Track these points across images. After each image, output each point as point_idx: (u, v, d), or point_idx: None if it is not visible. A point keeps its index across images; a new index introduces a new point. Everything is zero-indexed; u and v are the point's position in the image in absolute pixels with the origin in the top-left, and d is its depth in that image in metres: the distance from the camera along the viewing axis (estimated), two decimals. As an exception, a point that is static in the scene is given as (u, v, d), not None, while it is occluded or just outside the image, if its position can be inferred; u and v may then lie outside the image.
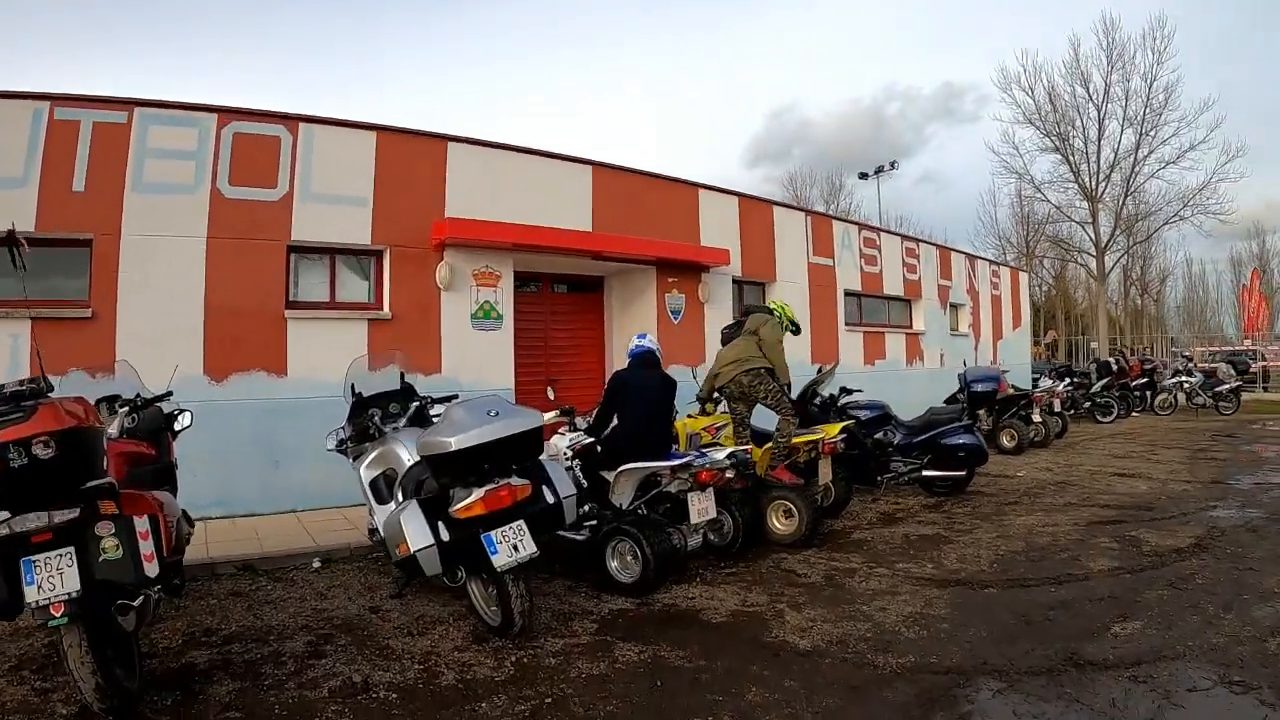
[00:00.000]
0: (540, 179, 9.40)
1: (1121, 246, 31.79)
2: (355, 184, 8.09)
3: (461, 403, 4.10)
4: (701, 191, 11.29)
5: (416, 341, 8.23)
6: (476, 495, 3.81)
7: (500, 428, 3.80)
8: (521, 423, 3.92)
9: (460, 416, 3.90)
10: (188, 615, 4.61)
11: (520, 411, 4.05)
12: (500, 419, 3.84)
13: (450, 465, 3.84)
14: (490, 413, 3.86)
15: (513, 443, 3.87)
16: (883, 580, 5.29)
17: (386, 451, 4.73)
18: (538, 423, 4.04)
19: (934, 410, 8.27)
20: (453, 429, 3.81)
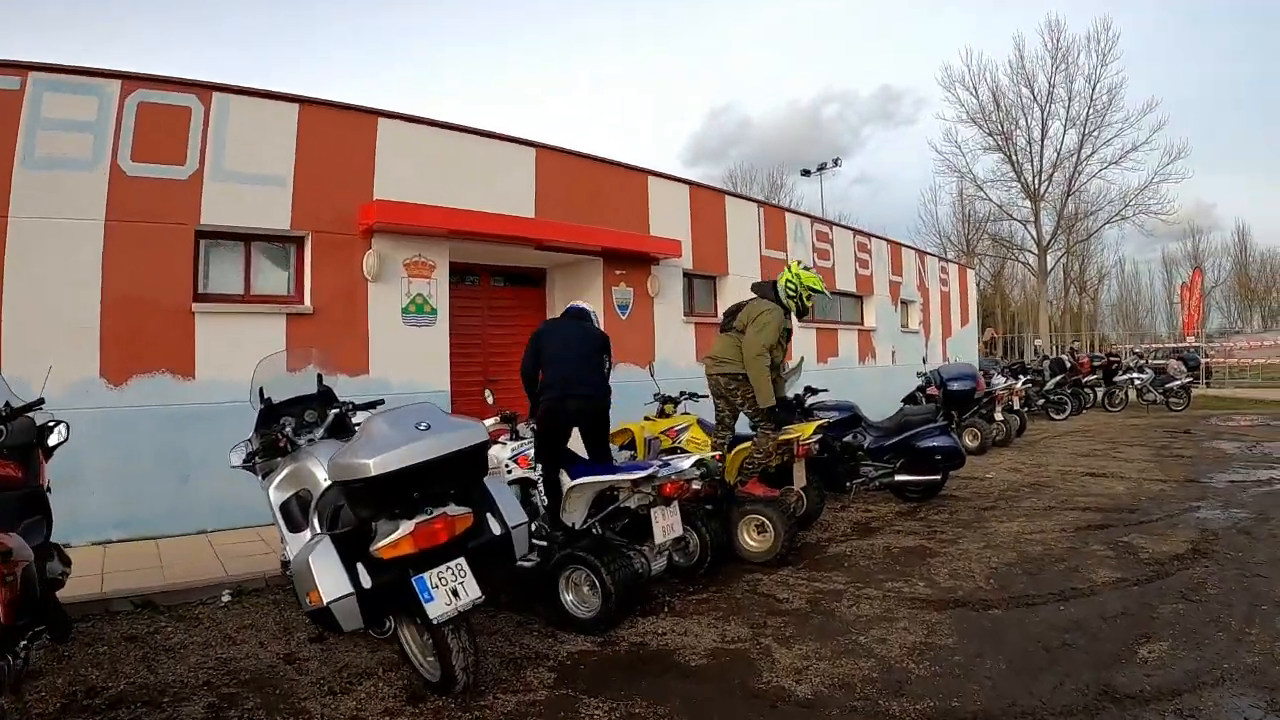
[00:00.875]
0: (479, 161, 8.64)
1: (1062, 245, 32.38)
2: (274, 162, 7.23)
3: (385, 413, 3.37)
4: (651, 179, 10.67)
5: (341, 338, 7.42)
6: (404, 530, 3.08)
7: (432, 445, 3.12)
8: (459, 438, 3.24)
9: (382, 431, 3.17)
10: (72, 668, 3.84)
11: (457, 423, 3.36)
12: (432, 434, 3.15)
13: (370, 494, 3.09)
14: (420, 425, 3.16)
15: (449, 463, 3.18)
16: (874, 604, 4.74)
17: (299, 469, 3.92)
18: (480, 437, 3.36)
19: (906, 411, 7.80)
20: (372, 447, 3.09)
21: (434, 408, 3.42)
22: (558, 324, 5.40)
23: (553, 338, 5.20)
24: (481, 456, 3.39)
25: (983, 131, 29.51)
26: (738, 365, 5.98)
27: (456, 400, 8.34)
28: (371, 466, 3.00)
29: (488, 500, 3.56)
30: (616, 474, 4.54)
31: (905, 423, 7.47)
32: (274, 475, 4.02)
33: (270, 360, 4.63)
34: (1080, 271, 43.08)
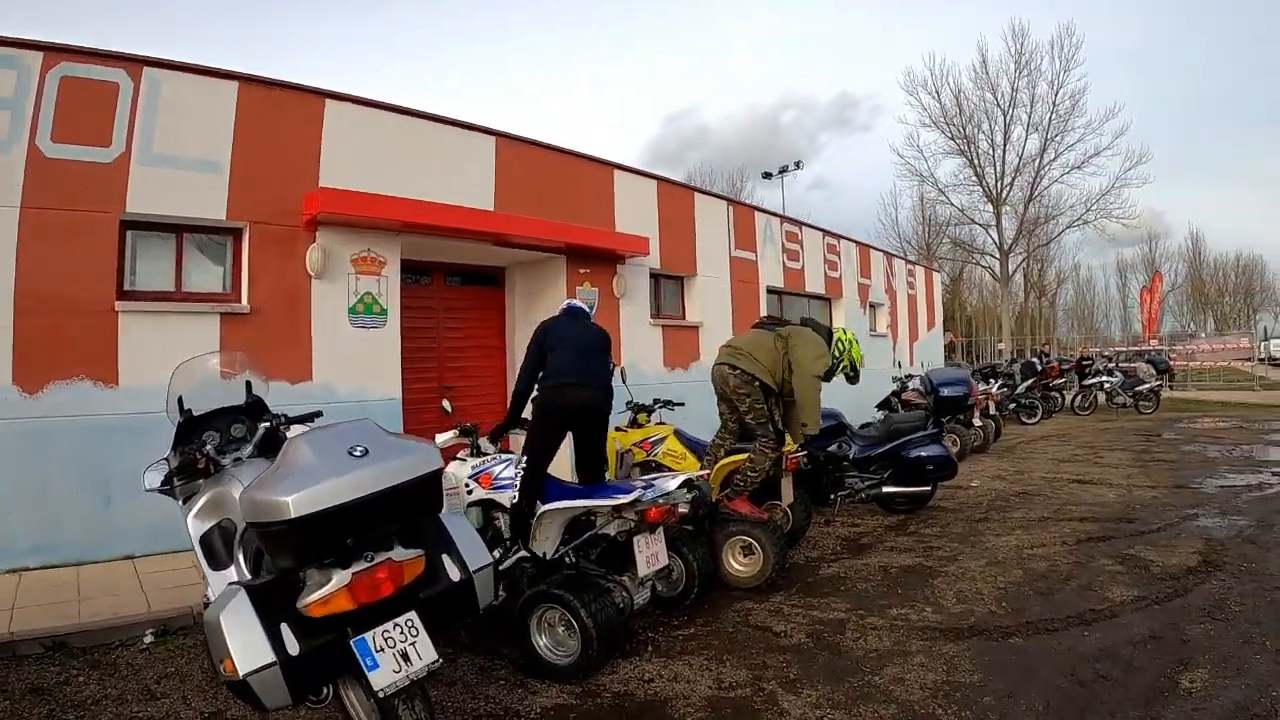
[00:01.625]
0: (435, 149, 8.01)
1: (1024, 250, 32.66)
2: (209, 144, 6.54)
3: (312, 434, 2.74)
4: (617, 173, 10.13)
5: (282, 341, 6.76)
6: (339, 582, 2.46)
7: (370, 477, 2.51)
8: (405, 467, 2.62)
9: (305, 460, 2.53)
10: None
11: (403, 446, 2.74)
12: (370, 462, 2.55)
13: (290, 541, 2.45)
14: (355, 451, 2.56)
15: (393, 499, 2.57)
16: (882, 635, 4.29)
17: (221, 495, 3.28)
18: (431, 464, 2.74)
19: (894, 419, 7.39)
20: (292, 480, 2.44)
21: (373, 426, 2.81)
22: (557, 322, 4.97)
23: (556, 334, 4.79)
24: (434, 488, 2.79)
25: (945, 135, 29.62)
26: (764, 371, 5.45)
27: (409, 410, 7.73)
28: (290, 506, 2.35)
29: (443, 538, 2.96)
30: (594, 498, 3.98)
31: (893, 431, 7.05)
32: (194, 501, 3.41)
33: (190, 365, 3.99)
34: (1039, 276, 43.70)
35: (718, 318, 11.70)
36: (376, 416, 7.16)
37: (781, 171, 33.12)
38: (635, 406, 6.50)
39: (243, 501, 2.58)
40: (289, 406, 6.51)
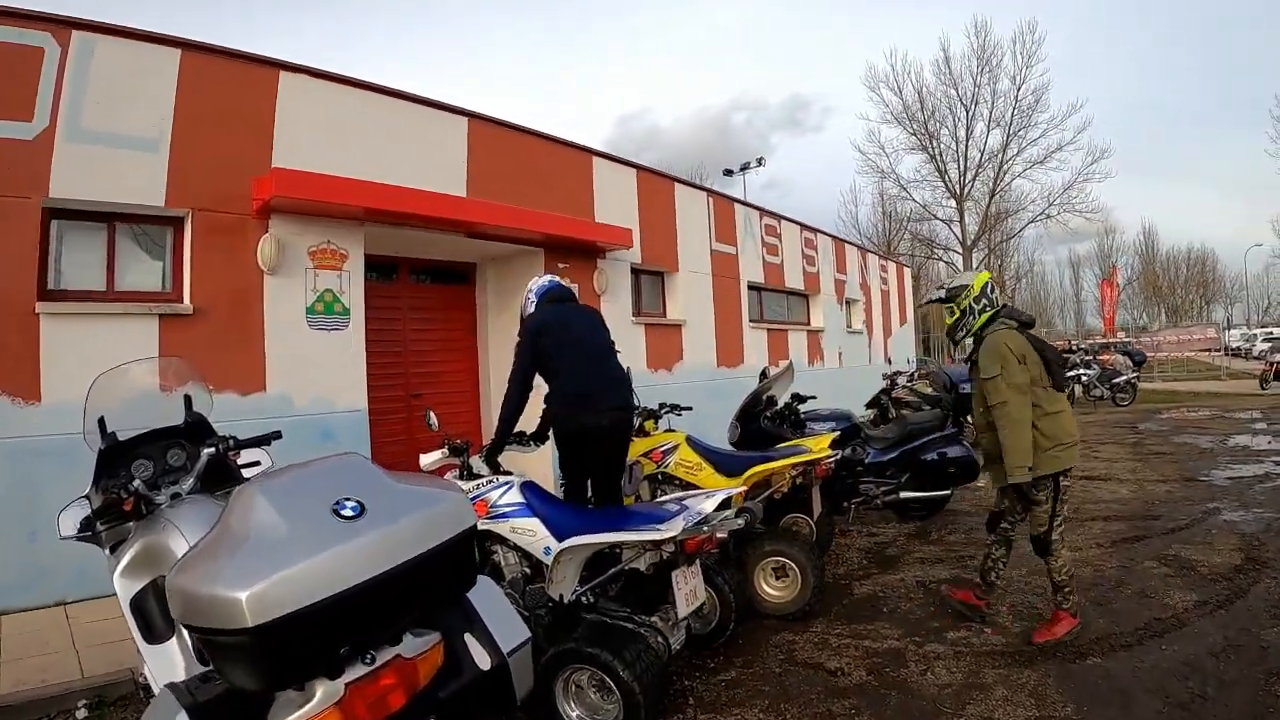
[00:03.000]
0: (402, 129, 7.35)
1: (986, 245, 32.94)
2: (147, 120, 5.80)
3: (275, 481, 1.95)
4: (596, 160, 9.58)
5: (230, 346, 6.06)
6: (325, 699, 1.73)
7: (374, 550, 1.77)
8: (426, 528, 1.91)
9: (266, 525, 1.75)
10: None
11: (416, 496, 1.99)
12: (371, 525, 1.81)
13: (252, 655, 1.63)
14: (344, 508, 1.82)
15: (410, 581, 1.85)
16: (948, 665, 3.83)
17: (156, 545, 2.52)
18: (463, 521, 2.01)
19: (910, 419, 6.92)
20: (248, 561, 1.66)
21: (366, 465, 2.08)
22: (549, 314, 4.39)
23: (555, 335, 4.25)
24: (467, 557, 2.06)
25: (907, 131, 29.75)
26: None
27: (376, 422, 7.04)
28: (245, 608, 1.55)
29: (465, 611, 2.22)
30: (627, 529, 3.30)
31: (910, 432, 6.59)
32: (122, 551, 2.66)
33: (113, 376, 3.23)
34: (1000, 270, 44.27)
35: (700, 316, 11.22)
36: (340, 430, 6.54)
37: (744, 168, 32.81)
38: (643, 412, 5.91)
39: (171, 592, 1.75)
40: (240, 424, 5.80)
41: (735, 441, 6.44)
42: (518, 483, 3.94)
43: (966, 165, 29.35)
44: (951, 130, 29.36)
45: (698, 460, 5.37)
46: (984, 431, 4.24)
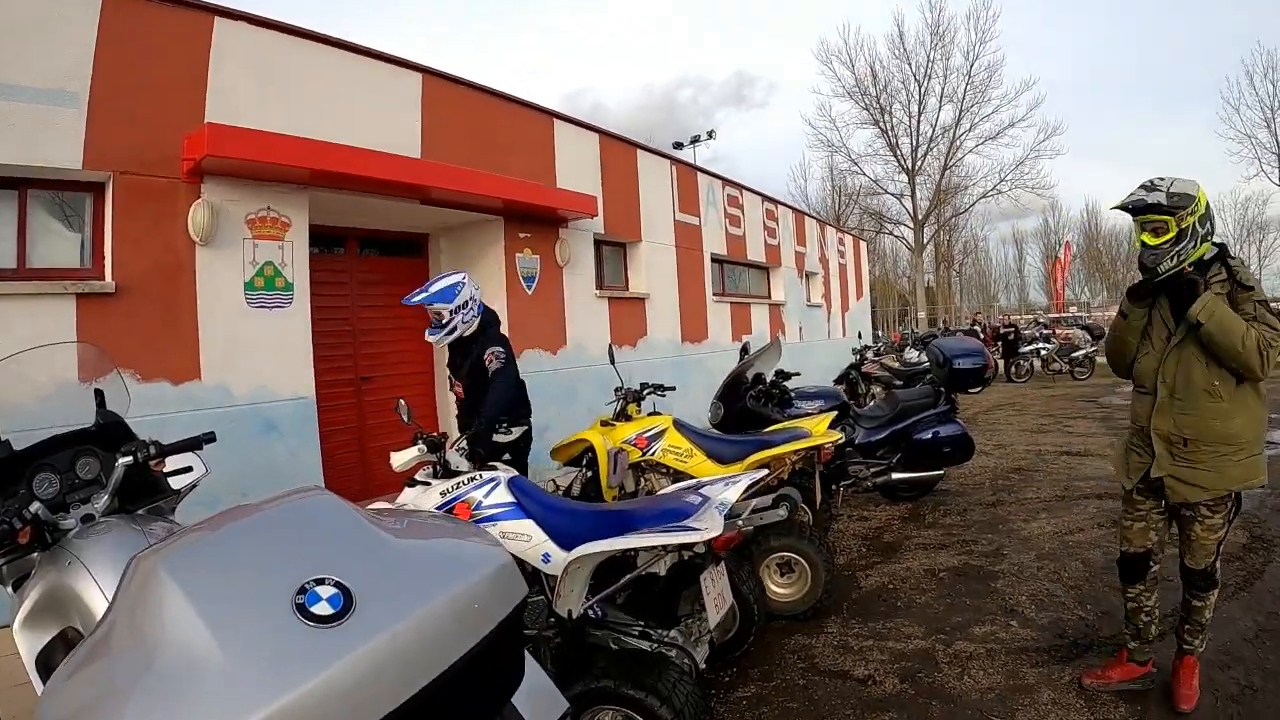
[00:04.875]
0: (350, 84, 6.71)
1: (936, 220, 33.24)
2: (62, 69, 5.07)
3: (191, 554, 1.31)
4: (558, 123, 9.03)
5: (159, 329, 5.42)
6: None
7: (373, 682, 1.16)
8: (459, 623, 1.31)
9: (183, 649, 1.12)
10: None
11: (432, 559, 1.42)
12: (360, 629, 1.18)
13: None
14: (311, 600, 1.19)
15: (434, 709, 1.25)
16: (985, 665, 3.60)
17: (61, 590, 2.06)
18: (512, 596, 1.45)
19: (900, 396, 6.65)
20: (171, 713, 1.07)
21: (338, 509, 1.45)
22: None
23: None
24: (515, 641, 1.52)
25: (859, 106, 29.76)
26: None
27: (324, 410, 6.47)
28: None
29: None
30: (653, 532, 2.79)
31: (902, 410, 6.32)
32: (25, 593, 2.17)
33: (2, 371, 2.71)
34: (948, 246, 44.84)
35: (664, 289, 10.82)
36: (285, 421, 5.94)
37: (694, 141, 32.44)
38: (626, 394, 5.50)
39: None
40: (173, 417, 5.27)
41: (718, 423, 6.11)
42: (505, 479, 3.43)
43: (919, 140, 29.53)
44: (904, 105, 29.53)
45: (688, 446, 5.00)
46: (1214, 411, 2.94)
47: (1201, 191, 2.94)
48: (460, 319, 4.66)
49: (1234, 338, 2.80)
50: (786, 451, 4.62)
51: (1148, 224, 2.99)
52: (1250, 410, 2.94)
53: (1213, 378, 2.92)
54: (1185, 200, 2.90)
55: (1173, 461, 3.04)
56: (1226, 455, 2.93)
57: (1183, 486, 3.01)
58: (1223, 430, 2.92)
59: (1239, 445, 2.92)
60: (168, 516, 2.74)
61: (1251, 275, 2.95)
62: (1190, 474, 3.00)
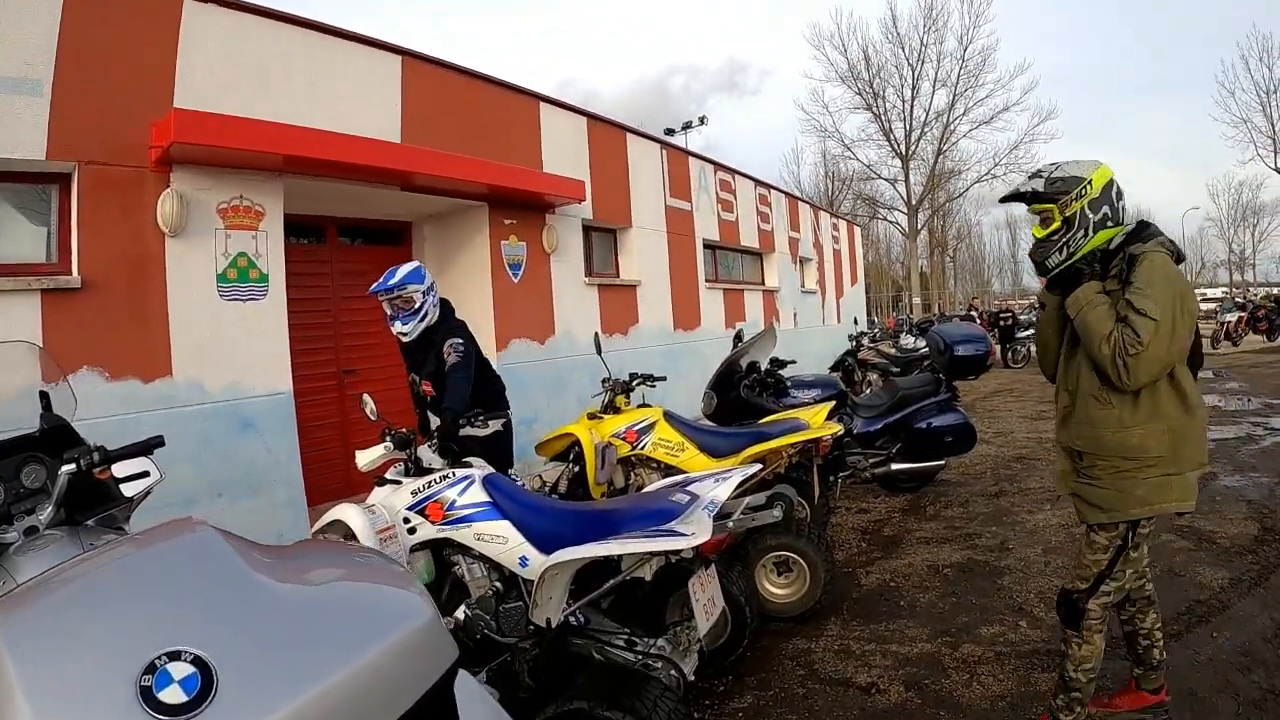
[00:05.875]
0: (327, 68, 6.47)
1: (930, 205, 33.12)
2: (24, 56, 4.83)
3: (32, 621, 1.07)
4: (544, 106, 8.79)
5: (128, 324, 5.20)
6: None
7: None
8: (357, 706, 1.06)
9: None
10: None
11: (324, 621, 1.15)
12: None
13: None
14: (160, 682, 0.97)
15: None
16: (993, 670, 3.44)
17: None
18: (437, 664, 1.22)
19: (900, 384, 6.47)
20: None
21: (214, 550, 1.23)
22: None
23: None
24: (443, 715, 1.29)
25: (851, 91, 29.58)
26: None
27: (303, 405, 6.27)
28: None
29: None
30: (637, 538, 2.58)
31: (902, 398, 6.14)
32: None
33: None
34: (942, 232, 44.71)
35: (655, 276, 10.63)
36: (262, 417, 5.68)
37: (686, 126, 32.17)
38: (614, 385, 5.31)
39: None
40: (144, 416, 5.04)
41: (711, 413, 5.92)
42: (479, 476, 3.23)
43: (912, 125, 29.35)
44: (897, 90, 29.36)
45: (679, 439, 4.81)
46: (1103, 421, 2.62)
47: (1099, 173, 2.66)
48: (430, 301, 4.49)
49: (1094, 340, 2.52)
50: (783, 444, 4.44)
51: (1037, 215, 2.76)
52: (1160, 421, 2.55)
53: (1099, 381, 2.62)
54: (1068, 185, 2.66)
55: (1075, 478, 2.76)
56: (1128, 472, 2.57)
57: (1084, 506, 2.73)
58: (1116, 443, 2.59)
59: (1144, 461, 2.55)
60: (120, 526, 2.56)
61: (1159, 267, 2.51)
62: (1090, 492, 2.68)
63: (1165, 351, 2.43)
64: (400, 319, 4.46)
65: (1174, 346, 2.45)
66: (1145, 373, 2.44)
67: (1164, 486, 2.55)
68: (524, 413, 4.89)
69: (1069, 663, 2.69)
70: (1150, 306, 2.40)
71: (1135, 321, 2.42)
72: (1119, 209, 2.66)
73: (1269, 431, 8.28)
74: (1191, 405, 2.57)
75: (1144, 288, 2.45)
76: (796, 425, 4.60)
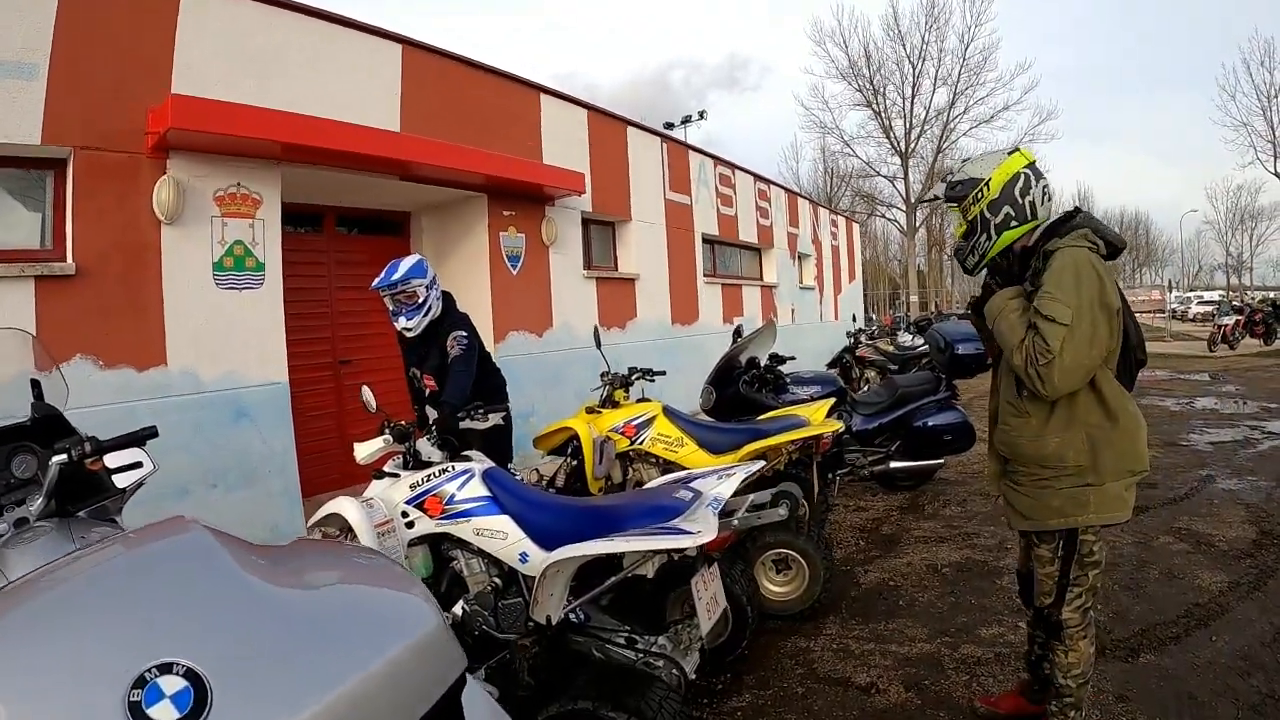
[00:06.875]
0: (326, 55, 6.41)
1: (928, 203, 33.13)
2: (20, 39, 4.76)
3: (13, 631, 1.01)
4: (544, 97, 8.74)
5: (123, 312, 5.15)
6: None
7: None
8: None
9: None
10: None
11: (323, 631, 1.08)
12: None
13: None
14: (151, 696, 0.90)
15: None
16: (994, 672, 3.44)
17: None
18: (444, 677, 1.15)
19: (899, 382, 6.45)
20: None
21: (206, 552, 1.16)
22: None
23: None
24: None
25: (852, 88, 29.62)
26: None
27: (299, 395, 6.23)
28: None
29: None
30: (641, 536, 2.53)
31: (901, 396, 6.13)
32: None
33: None
34: (941, 229, 44.77)
35: (653, 270, 10.59)
36: (258, 406, 5.62)
37: (685, 121, 32.09)
38: (612, 379, 5.27)
39: None
40: (137, 405, 4.98)
41: (709, 409, 5.90)
42: (479, 470, 3.19)
43: (912, 123, 29.38)
44: (898, 87, 29.43)
45: (678, 434, 4.78)
46: (1019, 429, 2.59)
47: (1001, 169, 2.54)
48: (433, 295, 4.43)
49: (1008, 349, 2.45)
50: (783, 441, 4.41)
51: (955, 218, 2.69)
52: (1076, 429, 2.46)
53: (1019, 391, 2.54)
54: (965, 189, 2.58)
55: (1003, 480, 2.73)
56: (1046, 482, 2.52)
57: (1009, 511, 2.71)
58: (1033, 452, 2.53)
59: (1060, 470, 2.48)
60: (111, 517, 2.52)
61: (1070, 266, 2.37)
62: (1014, 497, 2.66)
63: (1085, 356, 2.33)
64: (404, 314, 4.38)
65: (1094, 350, 2.35)
66: (1064, 381, 2.35)
67: (1079, 499, 2.48)
68: (520, 406, 4.85)
69: (1058, 671, 2.64)
70: (1059, 310, 2.31)
71: (1044, 329, 2.33)
72: (1024, 205, 2.52)
73: (1266, 435, 8.30)
74: (1114, 411, 2.46)
75: (1052, 290, 2.35)
76: (797, 422, 4.57)
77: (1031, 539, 2.68)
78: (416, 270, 4.35)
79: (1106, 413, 2.45)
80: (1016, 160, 2.57)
